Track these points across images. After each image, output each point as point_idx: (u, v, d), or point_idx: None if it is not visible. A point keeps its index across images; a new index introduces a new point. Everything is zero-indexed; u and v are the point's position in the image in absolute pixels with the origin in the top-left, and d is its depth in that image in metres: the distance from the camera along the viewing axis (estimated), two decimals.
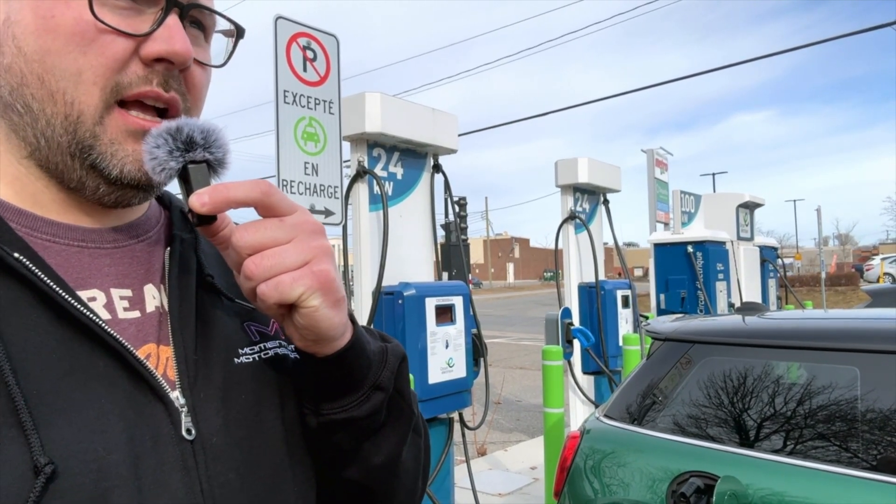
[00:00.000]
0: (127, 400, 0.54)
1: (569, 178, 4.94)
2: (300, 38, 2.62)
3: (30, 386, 0.49)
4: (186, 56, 0.58)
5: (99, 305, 0.58)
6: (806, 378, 2.18)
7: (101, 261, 0.61)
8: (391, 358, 0.67)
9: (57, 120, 0.56)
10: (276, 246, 0.55)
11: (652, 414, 2.40)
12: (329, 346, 0.60)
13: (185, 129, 0.56)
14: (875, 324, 2.30)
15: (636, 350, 4.73)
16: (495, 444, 6.44)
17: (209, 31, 0.65)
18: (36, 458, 0.47)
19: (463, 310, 3.20)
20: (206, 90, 0.65)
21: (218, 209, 0.55)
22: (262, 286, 0.55)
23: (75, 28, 0.55)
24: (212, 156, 0.57)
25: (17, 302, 0.52)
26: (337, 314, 0.58)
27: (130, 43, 0.56)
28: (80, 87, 0.55)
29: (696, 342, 2.45)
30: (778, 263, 8.76)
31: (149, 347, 0.59)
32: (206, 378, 0.60)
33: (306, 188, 2.67)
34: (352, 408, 0.63)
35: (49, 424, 0.49)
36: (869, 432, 1.97)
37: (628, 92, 16.42)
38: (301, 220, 0.57)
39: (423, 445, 0.76)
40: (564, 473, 2.45)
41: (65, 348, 0.53)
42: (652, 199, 7.64)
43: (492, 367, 3.74)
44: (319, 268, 0.56)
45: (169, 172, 0.56)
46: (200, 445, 0.57)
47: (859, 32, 10.17)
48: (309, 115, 2.66)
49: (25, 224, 0.58)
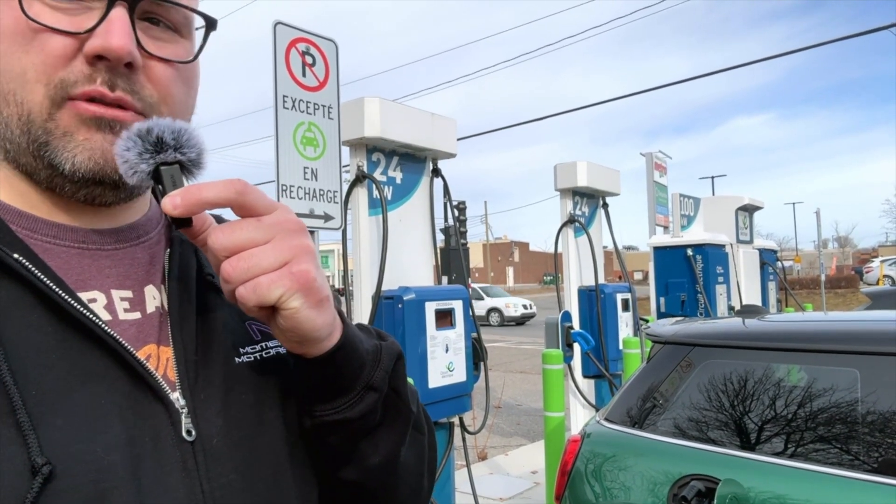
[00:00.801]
0: (126, 401, 0.54)
1: (568, 181, 4.95)
2: (299, 43, 2.62)
3: (28, 386, 0.49)
4: (121, 52, 0.54)
5: (99, 307, 0.58)
6: (806, 380, 2.18)
7: (102, 262, 0.60)
8: (385, 357, 0.65)
9: (13, 121, 0.56)
10: (253, 247, 0.53)
11: (653, 417, 2.40)
12: (316, 348, 0.59)
13: (155, 130, 0.54)
14: (875, 326, 2.30)
15: (636, 353, 4.73)
16: (496, 449, 6.43)
17: (181, 25, 0.61)
18: (33, 459, 0.47)
19: (463, 314, 3.20)
20: (182, 88, 0.62)
21: (190, 211, 0.53)
22: (240, 289, 0.53)
23: (15, 28, 0.54)
24: (184, 156, 0.55)
25: (18, 303, 0.52)
26: (320, 315, 0.56)
27: (71, 40, 0.55)
28: (27, 87, 0.55)
29: (697, 345, 2.45)
30: (777, 266, 8.76)
31: (149, 348, 0.59)
32: (207, 379, 0.60)
33: (306, 193, 2.67)
34: (344, 409, 0.62)
35: (47, 424, 0.49)
36: (870, 434, 1.96)
37: (627, 95, 16.45)
38: (280, 220, 0.55)
39: (426, 443, 0.75)
40: (565, 477, 2.44)
41: (64, 349, 0.52)
42: (651, 202, 7.64)
43: (492, 371, 3.74)
44: (299, 268, 0.54)
45: (140, 175, 0.54)
46: (201, 446, 0.56)
47: (857, 35, 10.20)
48: (308, 120, 2.67)
49: (26, 226, 0.58)
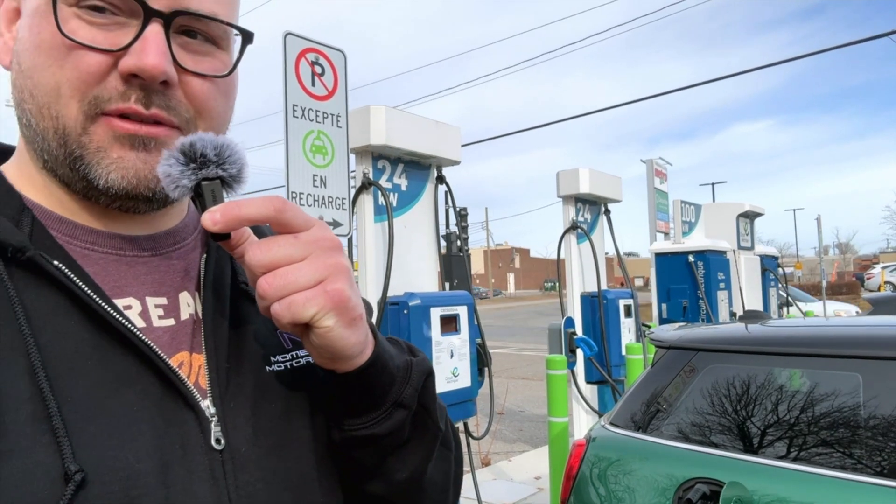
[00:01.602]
0: (157, 408, 0.54)
1: (570, 188, 4.98)
2: (308, 53, 2.67)
3: (64, 392, 0.50)
4: (155, 72, 0.54)
5: (134, 313, 0.58)
6: (809, 385, 2.21)
7: (138, 269, 0.61)
8: (415, 374, 0.65)
9: (49, 134, 0.56)
10: (289, 264, 0.54)
11: (657, 421, 2.42)
12: (347, 364, 0.59)
13: (198, 146, 0.55)
14: (877, 330, 2.32)
15: (639, 359, 4.74)
16: (499, 455, 6.43)
17: (218, 38, 0.61)
18: (67, 465, 0.47)
19: (468, 319, 3.22)
20: (220, 101, 0.62)
21: (230, 227, 0.53)
22: (275, 306, 0.54)
23: (51, 43, 0.55)
24: (225, 172, 0.56)
25: (55, 309, 0.53)
26: (353, 333, 0.57)
27: (106, 57, 0.55)
28: (61, 101, 0.55)
29: (700, 350, 2.47)
30: (779, 272, 8.78)
31: (182, 355, 0.59)
32: (238, 387, 0.60)
33: (315, 200, 2.71)
34: (373, 425, 0.62)
35: (81, 431, 0.50)
36: (872, 438, 1.99)
37: (628, 103, 16.52)
38: (317, 237, 0.56)
39: (453, 458, 0.74)
40: (571, 481, 2.46)
41: (99, 355, 0.53)
42: (652, 208, 7.66)
43: (494, 378, 3.76)
44: (334, 287, 0.55)
45: (182, 190, 0.55)
46: (229, 455, 0.57)
47: (859, 42, 10.26)
48: (317, 128, 2.71)
49: (66, 232, 0.58)
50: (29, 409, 0.48)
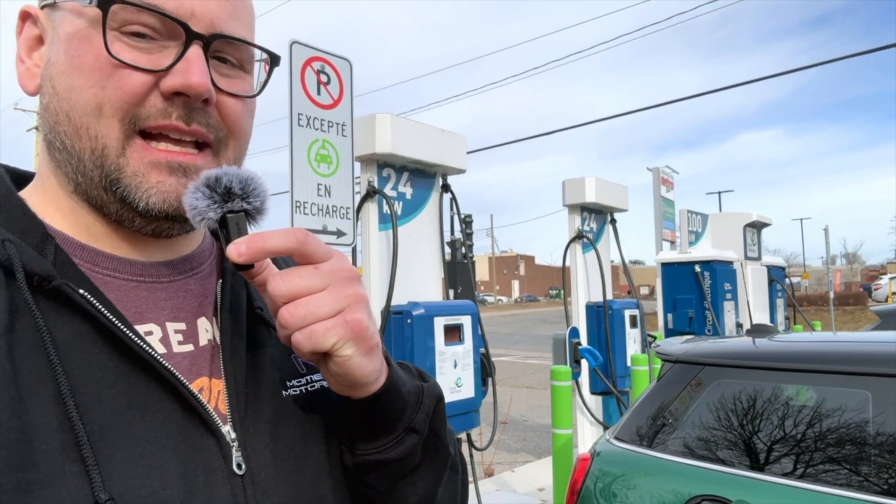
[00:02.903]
0: (181, 434, 0.55)
1: (576, 197, 4.96)
2: (314, 62, 2.66)
3: (91, 420, 0.51)
4: (201, 89, 0.58)
5: (155, 339, 0.59)
6: (817, 401, 2.18)
7: (158, 294, 0.62)
8: (427, 399, 0.67)
9: (85, 155, 0.58)
10: (310, 294, 0.55)
11: (662, 436, 2.39)
12: (363, 391, 0.60)
13: (224, 180, 0.57)
14: (887, 347, 2.29)
15: (644, 371, 4.71)
16: (502, 465, 6.39)
17: (245, 62, 0.65)
18: (97, 494, 0.48)
19: (471, 329, 3.20)
20: (248, 120, 0.66)
21: (254, 259, 0.55)
22: (297, 335, 0.55)
23: (95, 64, 0.57)
24: (249, 205, 0.58)
25: (80, 337, 0.54)
26: (370, 362, 0.58)
27: (148, 77, 0.57)
28: (102, 121, 0.57)
29: (707, 364, 2.44)
30: (786, 283, 8.72)
31: (201, 381, 0.60)
32: (256, 411, 0.61)
33: (319, 209, 2.70)
34: (385, 449, 0.63)
35: (109, 459, 0.50)
36: (880, 456, 1.96)
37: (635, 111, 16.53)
38: (336, 268, 0.57)
39: (460, 482, 0.76)
40: (575, 496, 2.43)
41: (123, 382, 0.54)
42: (658, 217, 7.64)
43: (498, 386, 3.73)
44: (353, 317, 0.56)
45: (208, 222, 0.57)
46: (250, 480, 0.58)
47: (866, 53, 10.23)
48: (322, 137, 2.70)
49: (87, 259, 0.60)
50: (58, 439, 0.49)
